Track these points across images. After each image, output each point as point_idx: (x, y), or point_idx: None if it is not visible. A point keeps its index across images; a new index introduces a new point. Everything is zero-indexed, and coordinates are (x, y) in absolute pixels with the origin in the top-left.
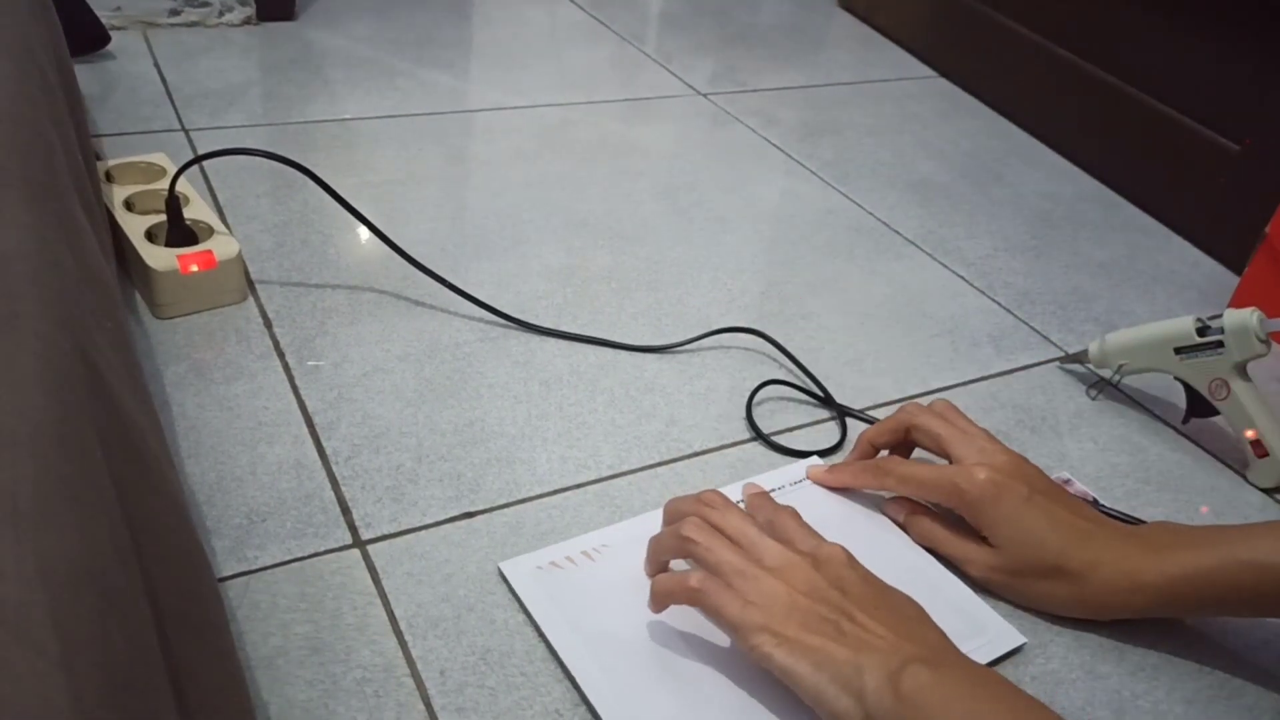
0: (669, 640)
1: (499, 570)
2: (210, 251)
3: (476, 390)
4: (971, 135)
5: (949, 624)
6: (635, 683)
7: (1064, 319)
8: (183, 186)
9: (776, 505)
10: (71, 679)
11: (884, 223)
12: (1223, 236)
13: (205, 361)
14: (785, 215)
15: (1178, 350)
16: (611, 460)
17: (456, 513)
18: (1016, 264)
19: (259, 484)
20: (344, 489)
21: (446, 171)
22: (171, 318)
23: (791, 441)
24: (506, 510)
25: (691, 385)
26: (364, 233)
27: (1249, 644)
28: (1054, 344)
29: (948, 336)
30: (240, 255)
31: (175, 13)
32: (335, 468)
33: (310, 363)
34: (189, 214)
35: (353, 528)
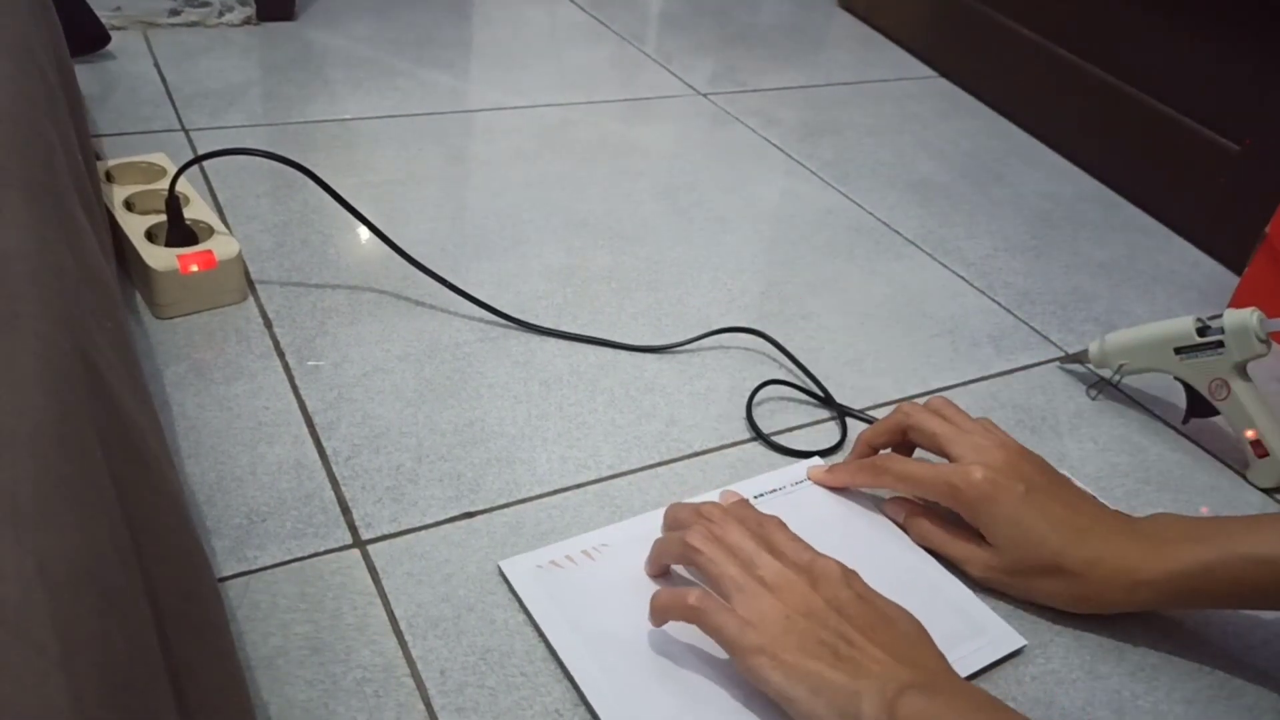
0: (668, 641)
1: (499, 569)
2: (210, 251)
3: (476, 390)
4: (971, 135)
5: (949, 624)
6: (635, 683)
7: (1064, 319)
8: (183, 186)
9: (761, 516)
10: (71, 679)
11: (884, 223)
12: (1223, 236)
13: (205, 361)
14: (785, 215)
15: (1178, 350)
16: (611, 460)
17: (456, 513)
18: (1016, 264)
19: (259, 484)
20: (344, 489)
21: (446, 171)
22: (171, 318)
23: (791, 441)
24: (506, 510)
25: (691, 385)
26: (364, 233)
27: (1249, 644)
28: (1054, 344)
29: (948, 336)
30: (240, 255)
31: (175, 13)
32: (335, 468)
33: (310, 363)
34: (189, 214)
35: (353, 528)
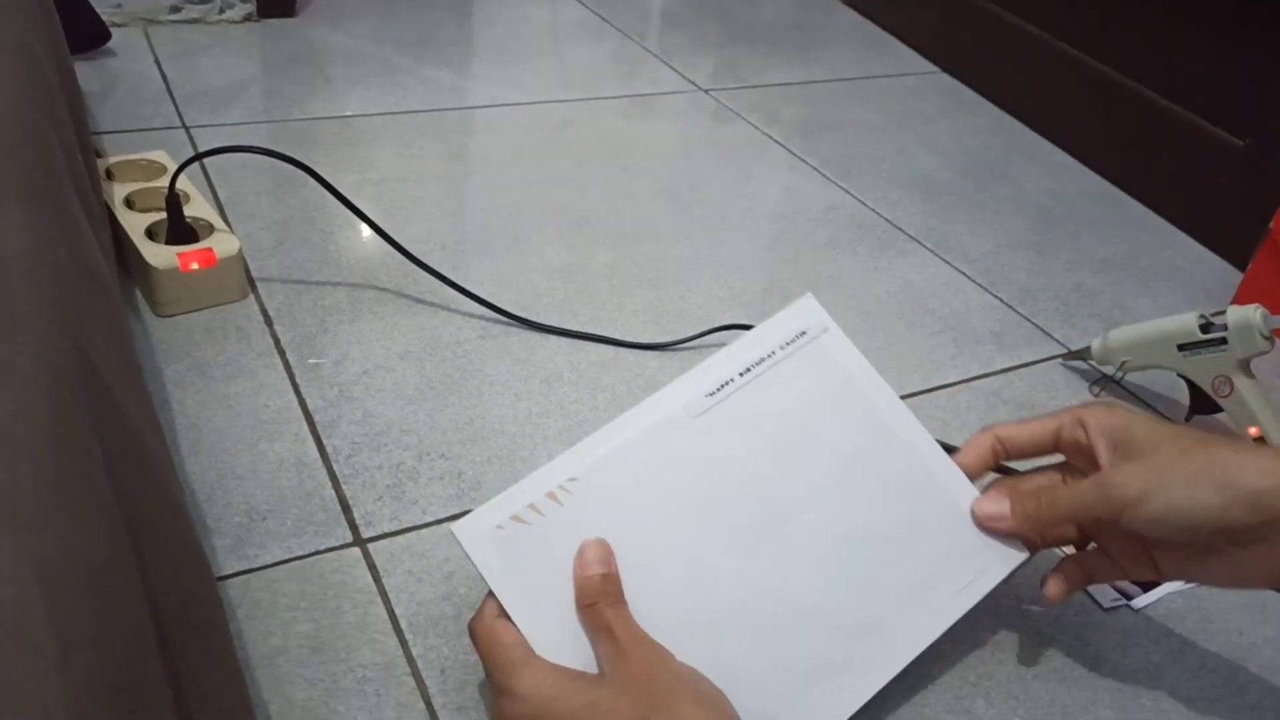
0: (644, 602)
1: (451, 534)
2: (211, 249)
3: (477, 388)
4: (974, 131)
5: (952, 543)
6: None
7: (1067, 315)
8: (183, 184)
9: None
10: (69, 680)
11: (886, 219)
12: (1226, 233)
13: (205, 359)
14: (787, 212)
15: (1181, 347)
16: None
17: (457, 510)
18: (1019, 260)
19: (259, 482)
20: (344, 487)
21: (447, 169)
22: (172, 315)
23: None
24: None
25: None
26: (365, 230)
27: (1249, 644)
28: (1057, 341)
29: (950, 333)
30: (241, 253)
31: (176, 9)
32: (336, 466)
33: (311, 360)
34: (189, 211)
35: (353, 526)
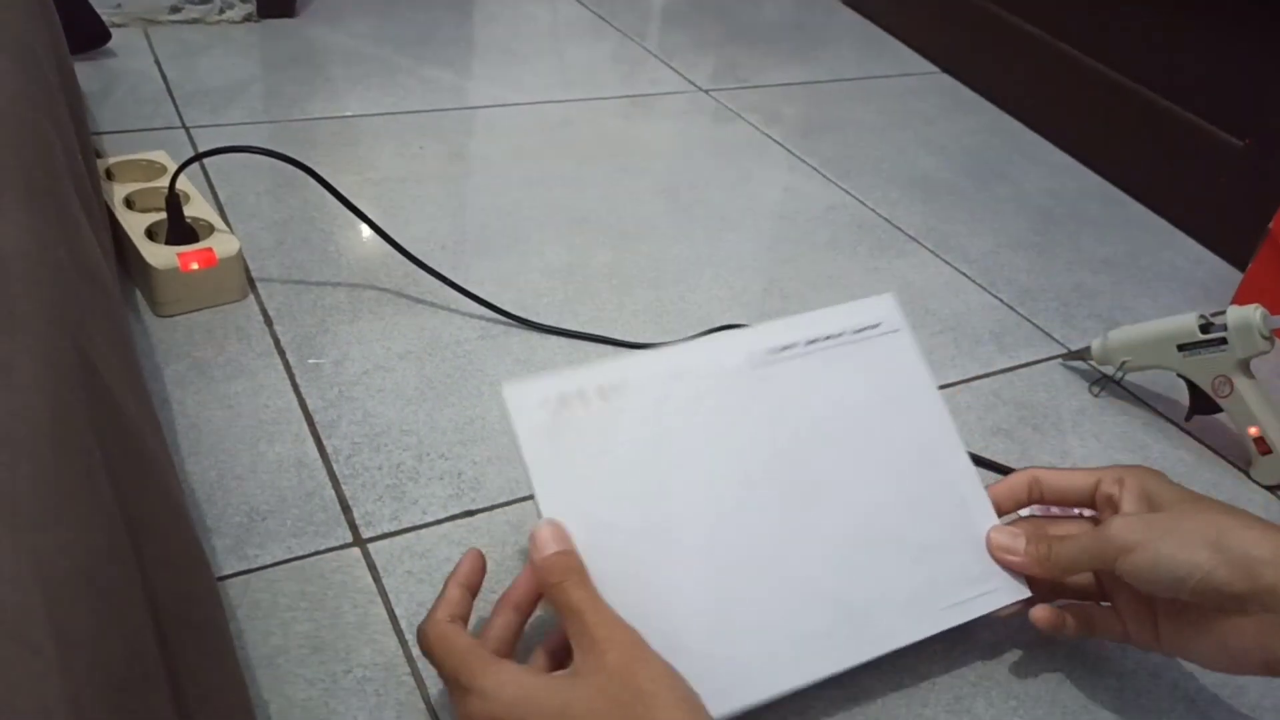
0: (651, 527)
1: (500, 392)
2: (211, 249)
3: (477, 388)
4: (974, 131)
5: (959, 560)
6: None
7: (1067, 316)
8: (183, 184)
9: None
10: (68, 680)
11: (886, 219)
12: (1226, 233)
13: (206, 359)
14: (787, 212)
15: (1181, 347)
16: None
17: (457, 511)
18: (1019, 260)
19: (259, 482)
20: (344, 487)
21: (447, 169)
22: (172, 316)
23: None
24: (507, 508)
25: None
26: (365, 230)
27: None
28: (1057, 341)
29: (950, 333)
30: (241, 253)
31: (176, 9)
32: (336, 466)
33: (311, 361)
34: (189, 211)
35: (353, 526)
